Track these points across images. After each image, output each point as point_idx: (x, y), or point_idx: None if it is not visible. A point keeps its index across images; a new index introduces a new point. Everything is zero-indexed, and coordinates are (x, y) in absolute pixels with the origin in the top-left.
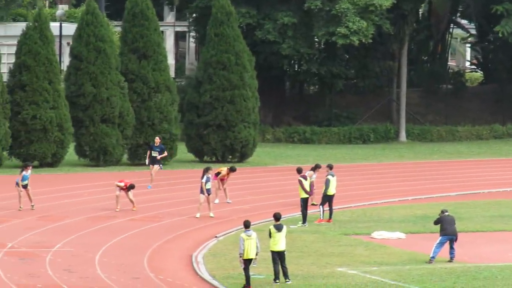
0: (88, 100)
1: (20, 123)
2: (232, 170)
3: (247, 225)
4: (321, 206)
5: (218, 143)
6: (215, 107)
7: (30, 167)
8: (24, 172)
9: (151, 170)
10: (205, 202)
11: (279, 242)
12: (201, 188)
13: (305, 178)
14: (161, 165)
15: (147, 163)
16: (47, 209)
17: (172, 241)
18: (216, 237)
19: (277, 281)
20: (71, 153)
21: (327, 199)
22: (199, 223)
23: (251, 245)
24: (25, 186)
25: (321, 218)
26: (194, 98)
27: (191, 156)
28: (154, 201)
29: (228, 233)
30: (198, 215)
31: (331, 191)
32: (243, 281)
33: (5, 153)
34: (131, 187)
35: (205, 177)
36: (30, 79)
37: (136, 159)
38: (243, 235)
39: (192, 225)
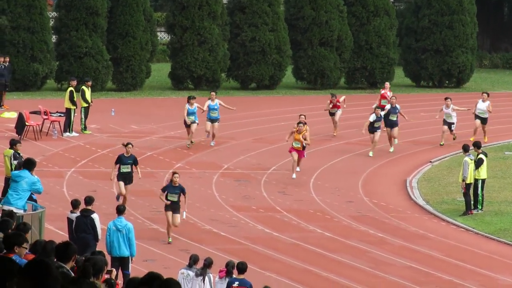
0: (307, 23)
1: (239, 45)
2: None
3: (466, 149)
4: None
5: (435, 68)
6: (433, 32)
7: (214, 93)
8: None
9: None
10: None
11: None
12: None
13: None
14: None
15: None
16: (263, 131)
17: (386, 166)
18: (430, 162)
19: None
20: (288, 76)
21: None
22: (414, 148)
23: (472, 169)
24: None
25: None
26: (412, 22)
27: (408, 81)
28: None
29: (442, 158)
30: None
31: None
32: (458, 207)
33: (223, 74)
34: None
35: None
36: (250, 1)
37: (353, 82)
38: (467, 158)
39: (407, 149)
